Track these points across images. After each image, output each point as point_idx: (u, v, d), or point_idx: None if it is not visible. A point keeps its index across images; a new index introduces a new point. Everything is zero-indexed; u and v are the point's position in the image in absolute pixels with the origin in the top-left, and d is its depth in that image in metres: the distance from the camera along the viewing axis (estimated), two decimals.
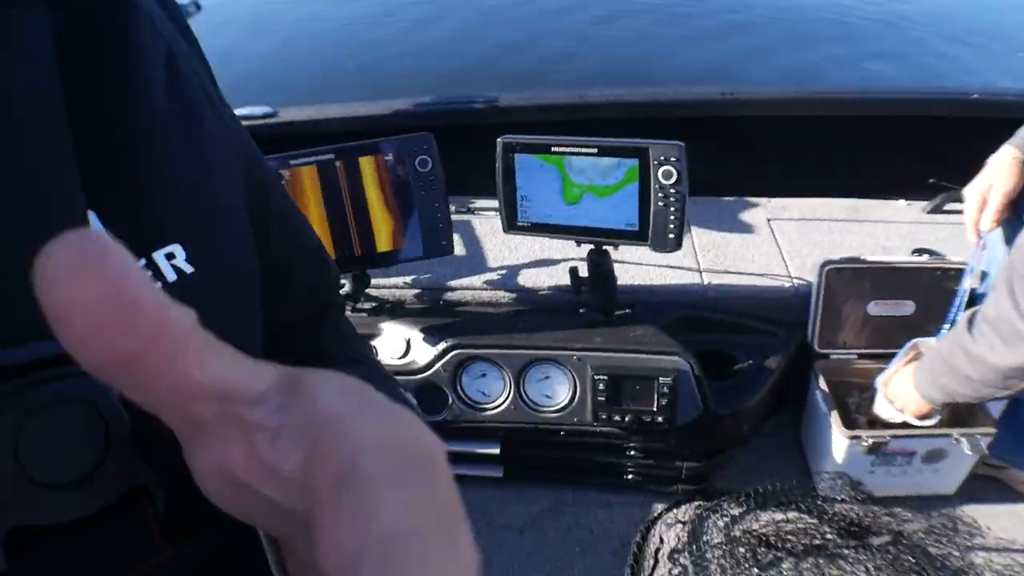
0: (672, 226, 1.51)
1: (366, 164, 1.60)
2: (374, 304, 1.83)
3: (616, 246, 1.61)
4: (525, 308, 1.91)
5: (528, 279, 1.95)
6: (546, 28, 8.05)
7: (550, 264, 1.99)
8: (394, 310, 1.82)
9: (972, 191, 1.61)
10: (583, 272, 1.70)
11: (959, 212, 1.77)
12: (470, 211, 2.19)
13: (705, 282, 1.95)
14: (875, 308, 1.89)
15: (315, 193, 1.61)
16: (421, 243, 1.65)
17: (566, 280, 1.74)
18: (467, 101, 2.34)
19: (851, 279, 1.86)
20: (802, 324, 1.89)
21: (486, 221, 2.18)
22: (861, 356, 1.91)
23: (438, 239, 1.65)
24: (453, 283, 1.95)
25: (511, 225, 1.62)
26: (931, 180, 2.35)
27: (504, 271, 1.98)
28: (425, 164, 1.61)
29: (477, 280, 1.95)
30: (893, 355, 1.68)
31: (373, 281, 1.82)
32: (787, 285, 1.95)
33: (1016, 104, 2.30)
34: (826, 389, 1.80)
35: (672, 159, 1.46)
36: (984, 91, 2.33)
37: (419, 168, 1.61)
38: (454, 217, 1.71)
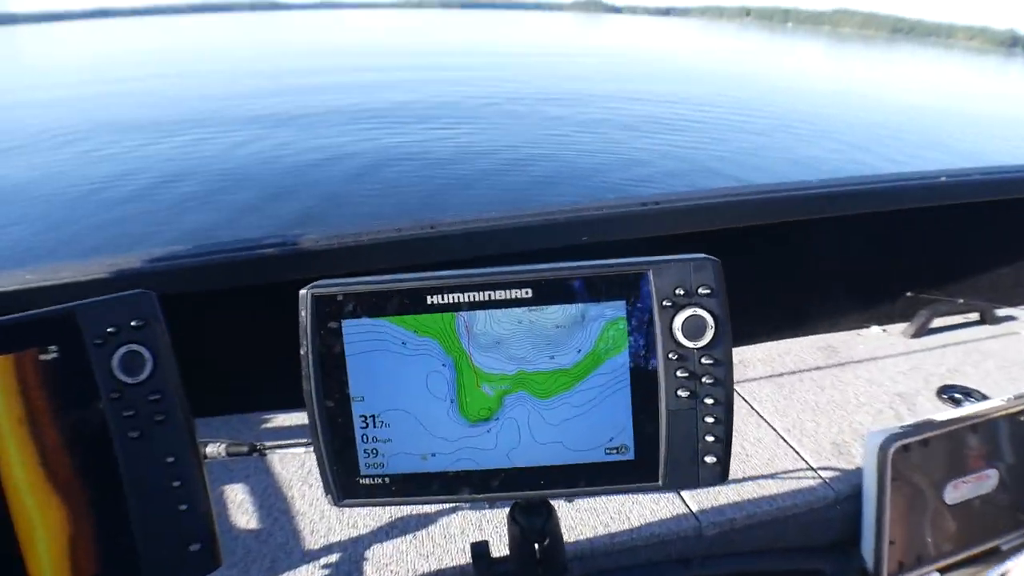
0: (711, 439, 0.69)
1: None
2: None
3: (571, 499, 0.75)
4: None
5: (378, 566, 1.03)
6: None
7: (427, 542, 1.08)
8: None
9: None
10: (499, 548, 0.83)
11: (953, 328, 1.59)
12: (251, 451, 1.23)
13: (688, 505, 1.12)
14: (953, 493, 1.17)
15: None
16: (138, 555, 0.71)
17: (454, 563, 0.95)
18: (220, 250, 1.41)
19: (923, 457, 1.13)
20: (849, 543, 1.12)
21: (287, 467, 1.25)
22: (944, 572, 1.18)
23: (181, 540, 0.73)
24: None
25: (344, 488, 0.72)
26: (907, 294, 1.73)
27: (327, 569, 1.05)
28: (139, 365, 0.70)
29: None
30: (978, 559, 1.17)
31: None
32: (811, 483, 1.16)
33: (985, 184, 1.75)
34: None
35: (700, 291, 0.66)
36: (950, 173, 1.75)
37: (123, 375, 0.69)
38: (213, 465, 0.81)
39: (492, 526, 1.07)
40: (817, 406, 1.36)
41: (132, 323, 0.70)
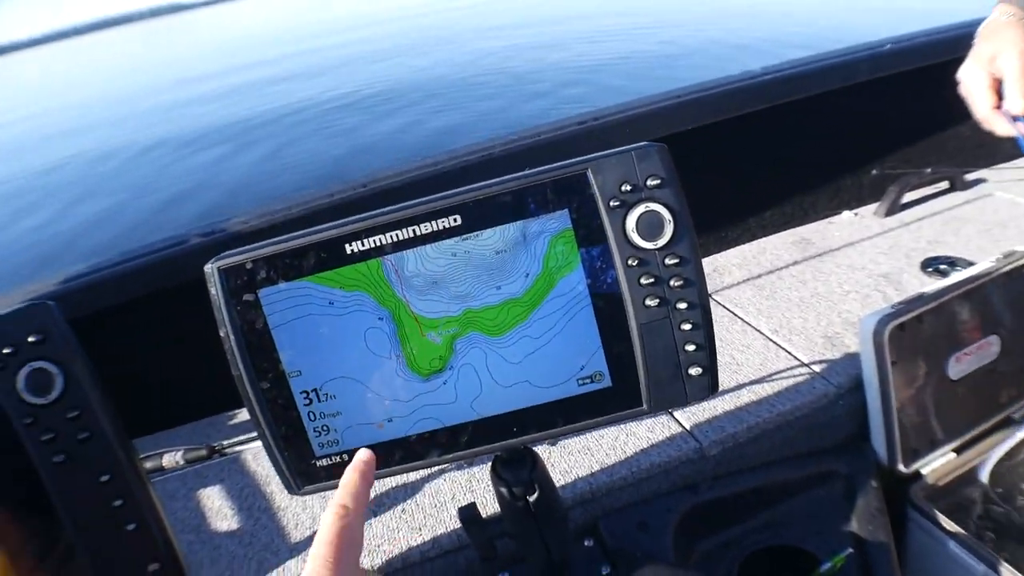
0: (691, 348, 0.62)
1: None
2: None
3: (554, 440, 0.68)
4: None
5: (374, 543, 0.96)
6: None
7: (417, 515, 1.00)
8: None
9: (971, 73, 1.02)
10: (491, 501, 0.77)
11: (925, 200, 1.56)
12: (210, 453, 1.15)
13: (684, 425, 1.06)
14: (956, 367, 1.12)
15: None
16: None
17: (450, 529, 0.89)
18: (130, 257, 1.29)
19: (920, 335, 1.07)
20: (859, 438, 1.06)
21: (260, 464, 1.17)
22: (959, 451, 1.13)
23: (135, 562, 0.66)
24: None
25: (301, 475, 0.64)
26: (873, 172, 1.67)
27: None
28: (47, 383, 0.63)
29: None
30: (991, 431, 1.14)
31: None
32: (810, 382, 1.10)
33: (933, 45, 1.68)
34: (957, 528, 1.01)
35: (649, 183, 0.59)
36: (894, 40, 1.68)
37: (31, 397, 0.63)
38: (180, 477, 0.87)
39: (483, 486, 1.00)
40: (802, 301, 1.30)
41: (30, 339, 0.62)
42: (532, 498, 0.70)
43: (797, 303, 1.30)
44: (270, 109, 9.82)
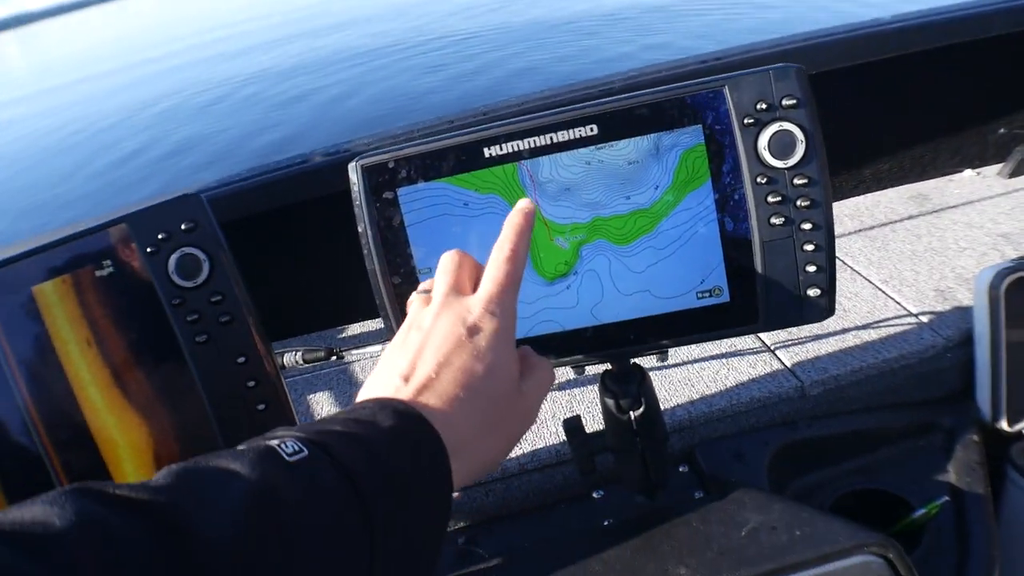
0: (812, 268, 0.62)
1: (51, 295, 0.66)
2: None
3: (663, 352, 0.70)
4: (477, 519, 0.96)
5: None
6: None
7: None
8: None
9: None
10: (592, 421, 0.79)
11: None
12: (328, 355, 1.20)
13: (786, 364, 1.06)
14: None
15: None
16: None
17: (549, 444, 0.92)
18: (273, 168, 1.37)
19: None
20: (963, 393, 1.04)
21: (368, 372, 1.21)
22: None
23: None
24: None
25: None
26: (1000, 131, 1.60)
27: None
28: (195, 267, 0.67)
29: None
30: None
31: None
32: (917, 332, 1.09)
33: None
34: None
35: (784, 102, 0.59)
36: None
37: (181, 280, 0.67)
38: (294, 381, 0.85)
39: (583, 406, 1.03)
40: (915, 254, 1.27)
41: (182, 227, 0.67)
42: (637, 413, 0.72)
43: (909, 256, 1.27)
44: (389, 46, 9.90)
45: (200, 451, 0.66)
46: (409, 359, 0.47)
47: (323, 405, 1.16)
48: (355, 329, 1.39)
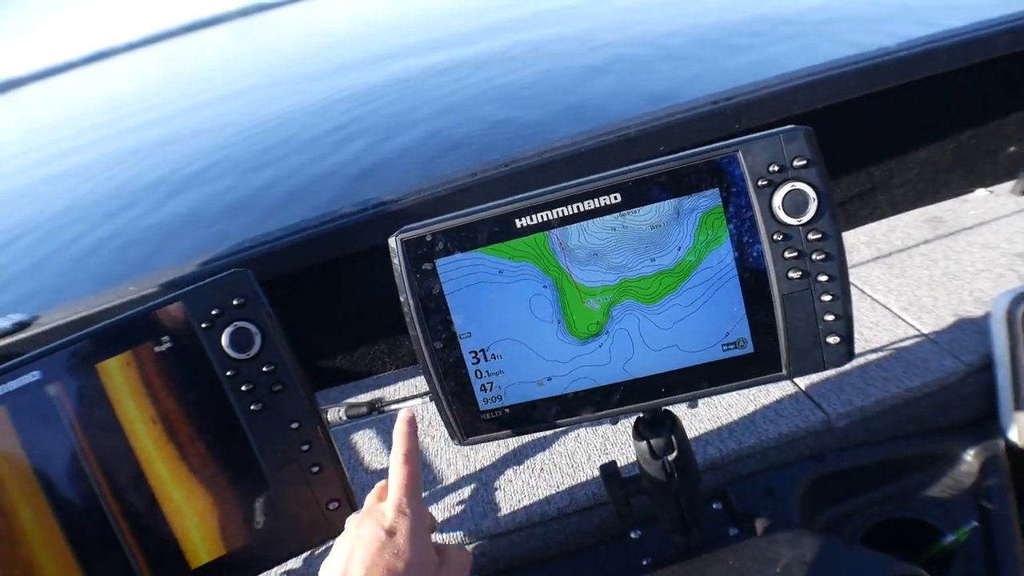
0: (830, 317, 0.66)
1: (115, 371, 0.71)
2: None
3: (693, 402, 0.73)
4: (518, 564, 1.00)
5: (514, 500, 1.04)
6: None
7: (555, 474, 1.08)
8: None
9: None
10: (623, 460, 0.82)
11: None
12: (370, 410, 1.25)
13: (812, 398, 1.09)
14: None
15: (17, 472, 0.70)
16: (283, 523, 0.73)
17: (585, 487, 0.95)
18: (306, 227, 1.43)
19: None
20: (988, 417, 1.09)
21: (383, 432, 1.28)
22: None
23: (318, 500, 0.74)
24: None
25: (467, 427, 0.72)
26: (1010, 149, 1.63)
27: (461, 507, 1.06)
28: (247, 340, 0.72)
29: None
30: None
31: None
32: (938, 359, 1.11)
33: None
34: None
35: (795, 163, 0.63)
36: None
37: (235, 353, 0.71)
38: (335, 431, 0.84)
39: (617, 449, 1.06)
40: (932, 280, 1.30)
41: (234, 302, 0.72)
42: (671, 457, 0.76)
43: (927, 282, 1.30)
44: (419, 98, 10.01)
45: (259, 512, 0.71)
46: (342, 566, 0.55)
47: (365, 457, 1.20)
48: (394, 379, 1.43)
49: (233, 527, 0.72)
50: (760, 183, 0.64)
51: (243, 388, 0.71)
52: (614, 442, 1.07)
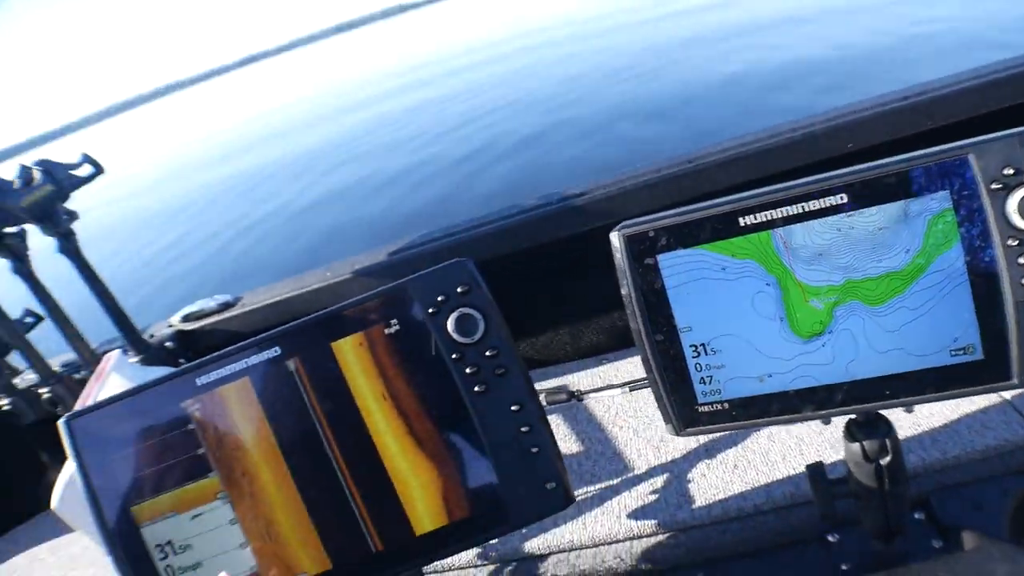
0: None
1: (348, 350, 0.77)
2: None
3: (909, 407, 0.72)
4: (713, 556, 1.00)
5: (709, 494, 1.05)
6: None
7: (750, 471, 1.08)
8: None
9: None
10: (833, 466, 0.82)
11: None
12: (569, 397, 1.28)
13: (1020, 410, 1.04)
14: None
15: (261, 439, 0.78)
16: (502, 498, 0.77)
17: (783, 485, 0.96)
18: (521, 211, 1.53)
19: None
20: None
21: (598, 412, 1.31)
22: None
23: (536, 483, 0.77)
24: (574, 542, 1.07)
25: (684, 418, 0.74)
26: None
27: (655, 496, 1.07)
28: (472, 326, 0.77)
29: (625, 527, 1.05)
30: None
31: None
32: None
33: None
34: None
35: None
36: None
37: (460, 337, 0.76)
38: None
39: (812, 449, 1.06)
40: None
41: (458, 289, 0.77)
42: (884, 461, 0.75)
43: None
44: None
45: (480, 488, 0.75)
46: None
47: (563, 441, 1.24)
48: (587, 366, 1.49)
49: (455, 500, 0.77)
50: (993, 186, 0.63)
51: (467, 371, 0.76)
52: (808, 443, 1.06)
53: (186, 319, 1.74)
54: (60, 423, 0.78)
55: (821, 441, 1.06)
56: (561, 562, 1.05)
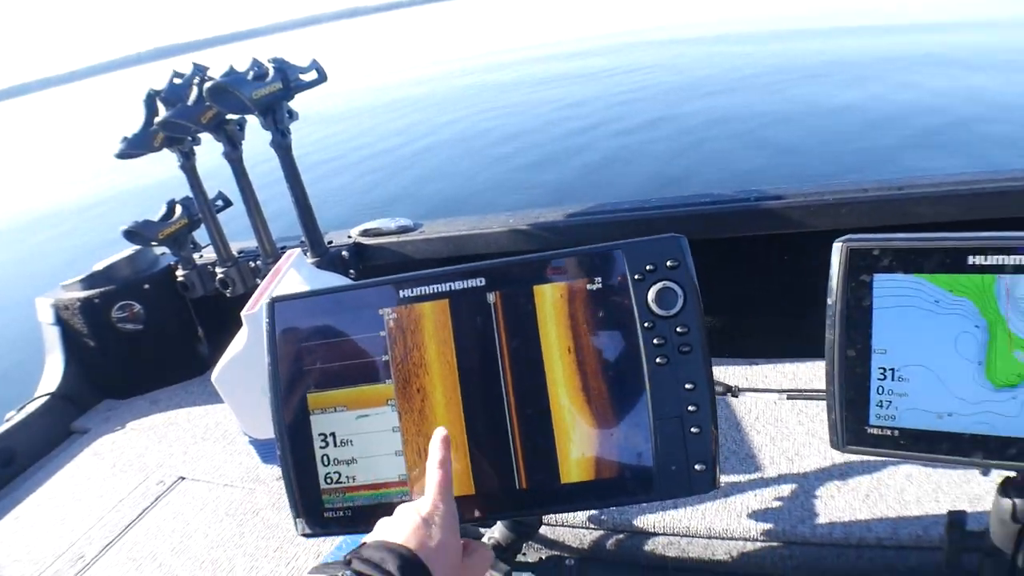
0: None
1: (548, 297, 0.80)
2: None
3: None
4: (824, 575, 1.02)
5: (834, 515, 1.06)
6: None
7: (895, 503, 1.08)
8: None
9: None
10: (974, 521, 0.82)
11: None
12: (724, 391, 1.31)
13: None
14: None
15: (443, 360, 0.82)
16: (652, 468, 0.80)
17: (911, 525, 0.97)
18: (736, 199, 1.55)
19: None
20: None
21: (753, 410, 1.33)
22: None
23: (686, 460, 0.79)
24: (689, 528, 1.08)
25: (852, 434, 0.76)
26: None
27: (779, 503, 1.09)
28: (671, 300, 0.79)
29: (743, 526, 1.07)
30: None
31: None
32: None
33: None
34: None
35: None
36: None
37: (657, 308, 0.79)
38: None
39: (948, 499, 1.05)
40: None
41: (668, 263, 0.79)
42: None
43: None
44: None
45: (633, 456, 0.77)
46: (384, 536, 0.71)
47: None
48: (752, 366, 1.50)
49: (607, 460, 0.80)
50: None
51: (655, 342, 0.79)
52: (947, 492, 1.06)
53: (364, 234, 1.82)
54: (261, 303, 0.83)
55: (960, 493, 1.06)
56: (671, 544, 1.08)
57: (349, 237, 1.83)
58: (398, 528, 0.72)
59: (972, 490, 1.06)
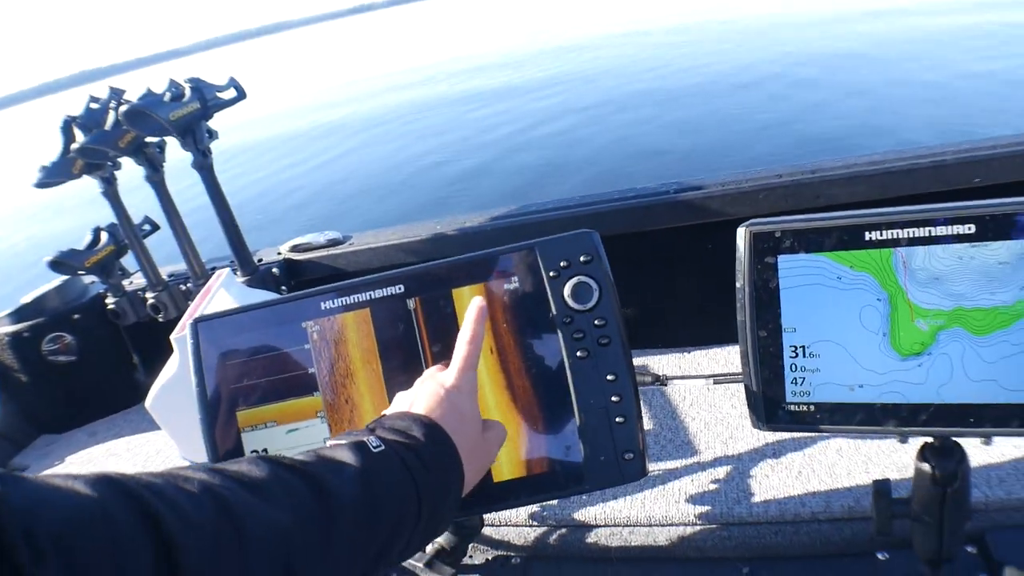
0: None
1: (467, 299, 0.80)
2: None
3: (988, 439, 0.75)
4: (762, 554, 1.05)
5: (769, 494, 1.09)
6: None
7: (824, 477, 1.11)
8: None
9: None
10: (902, 489, 0.85)
11: None
12: (654, 380, 1.32)
13: None
14: None
15: (369, 368, 0.83)
16: (581, 460, 0.81)
17: (842, 498, 1.01)
18: (658, 192, 1.59)
19: None
20: None
21: (686, 398, 1.35)
22: None
23: (615, 450, 0.81)
24: (630, 518, 1.10)
25: (769, 413, 0.78)
26: None
27: (715, 486, 1.12)
28: (587, 294, 0.80)
29: (681, 511, 1.09)
30: None
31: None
32: None
33: None
34: None
35: None
36: None
37: (574, 303, 0.80)
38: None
39: (878, 469, 1.08)
40: None
41: (581, 258, 0.80)
42: (950, 489, 0.78)
43: None
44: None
45: (561, 449, 0.79)
46: (406, 406, 0.71)
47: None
48: (685, 355, 1.53)
49: (536, 455, 0.81)
50: None
51: (574, 336, 0.80)
52: (876, 462, 1.09)
53: (294, 249, 1.81)
54: (187, 324, 0.82)
55: (888, 463, 1.09)
56: (614, 535, 1.09)
57: (279, 253, 1.82)
58: (420, 399, 0.71)
59: (900, 459, 1.09)
